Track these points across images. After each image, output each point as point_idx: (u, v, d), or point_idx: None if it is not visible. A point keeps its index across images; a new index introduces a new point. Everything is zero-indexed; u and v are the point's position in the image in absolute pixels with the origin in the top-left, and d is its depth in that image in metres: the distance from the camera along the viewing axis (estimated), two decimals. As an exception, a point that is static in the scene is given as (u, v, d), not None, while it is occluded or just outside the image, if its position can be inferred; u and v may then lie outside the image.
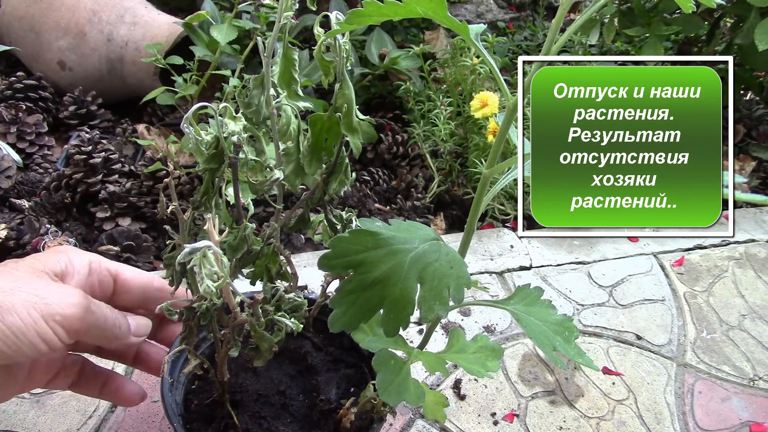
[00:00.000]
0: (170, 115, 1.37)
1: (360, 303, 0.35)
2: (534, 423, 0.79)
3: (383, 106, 1.45)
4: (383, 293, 0.34)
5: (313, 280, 0.96)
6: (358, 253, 0.35)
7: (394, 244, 0.35)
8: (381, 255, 0.35)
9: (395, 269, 0.34)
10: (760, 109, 1.65)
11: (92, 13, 1.33)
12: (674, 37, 1.71)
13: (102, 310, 0.44)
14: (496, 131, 1.14)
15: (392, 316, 0.35)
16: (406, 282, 0.34)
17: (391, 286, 0.34)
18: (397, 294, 0.34)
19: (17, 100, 1.29)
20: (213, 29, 1.10)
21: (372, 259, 0.35)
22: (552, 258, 1.10)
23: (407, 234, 0.36)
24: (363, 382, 0.61)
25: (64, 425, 0.70)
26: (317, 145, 0.44)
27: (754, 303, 1.06)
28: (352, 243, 0.35)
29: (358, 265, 0.35)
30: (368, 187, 1.27)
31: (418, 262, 0.35)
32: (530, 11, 2.11)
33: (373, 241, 0.35)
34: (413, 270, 0.35)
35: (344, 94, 0.42)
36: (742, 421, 0.83)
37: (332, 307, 0.37)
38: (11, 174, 1.13)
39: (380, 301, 0.35)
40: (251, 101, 0.43)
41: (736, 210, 1.33)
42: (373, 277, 0.35)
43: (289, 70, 0.42)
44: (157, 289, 0.52)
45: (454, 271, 0.36)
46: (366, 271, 0.35)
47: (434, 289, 0.35)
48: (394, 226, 0.37)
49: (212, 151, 0.41)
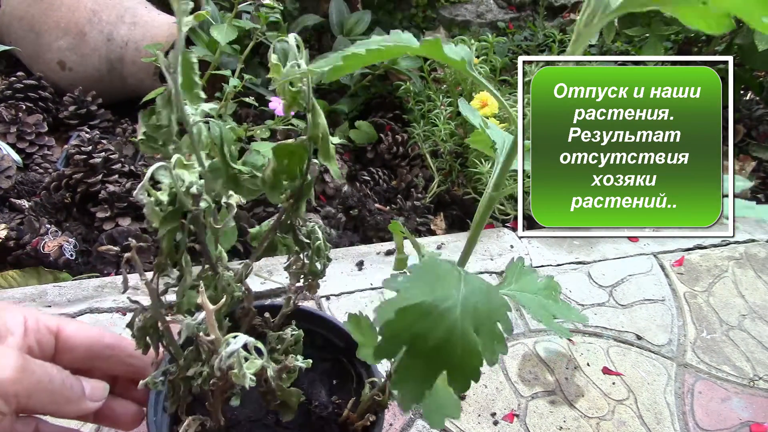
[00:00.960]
0: (170, 115, 1.37)
1: (422, 375, 0.34)
2: (534, 423, 0.79)
3: (383, 106, 1.45)
4: (448, 357, 0.33)
5: (313, 280, 0.96)
6: (409, 329, 0.33)
7: (438, 305, 0.33)
8: (432, 322, 0.33)
9: (452, 329, 0.33)
10: (760, 109, 1.65)
11: (92, 13, 1.33)
12: (674, 37, 1.71)
13: (45, 370, 0.40)
14: (496, 131, 1.14)
15: (461, 374, 0.33)
16: (466, 337, 0.33)
17: (453, 347, 0.33)
18: (461, 351, 0.33)
19: (17, 100, 1.29)
20: (213, 29, 1.10)
21: (425, 330, 0.33)
22: (552, 258, 1.10)
23: (440, 281, 0.34)
24: (344, 374, 0.61)
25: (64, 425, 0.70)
26: (279, 171, 0.42)
27: (754, 303, 1.06)
28: (400, 322, 0.33)
29: (413, 340, 0.33)
30: (368, 187, 1.27)
31: (467, 314, 0.33)
32: (530, 11, 2.12)
33: (419, 312, 0.33)
34: (468, 322, 0.33)
35: (317, 123, 0.40)
36: (742, 421, 0.83)
37: (396, 389, 0.35)
38: (11, 174, 1.13)
39: (446, 364, 0.33)
40: (160, 123, 0.40)
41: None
42: (431, 346, 0.33)
43: (189, 75, 0.40)
44: (106, 347, 0.47)
45: (494, 301, 0.35)
46: (422, 343, 0.33)
47: (489, 332, 0.34)
48: (419, 275, 0.34)
49: (168, 209, 0.38)
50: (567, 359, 0.89)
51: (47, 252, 0.97)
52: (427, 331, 0.33)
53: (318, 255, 0.48)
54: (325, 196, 1.25)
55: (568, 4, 2.16)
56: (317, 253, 0.48)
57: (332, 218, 1.17)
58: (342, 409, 0.56)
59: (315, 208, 1.19)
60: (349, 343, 0.61)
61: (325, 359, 0.62)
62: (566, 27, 1.87)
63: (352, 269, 1.00)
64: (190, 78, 0.40)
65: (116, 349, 0.47)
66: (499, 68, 1.37)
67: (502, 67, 1.39)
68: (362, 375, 0.59)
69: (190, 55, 0.40)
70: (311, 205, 1.20)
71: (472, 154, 1.25)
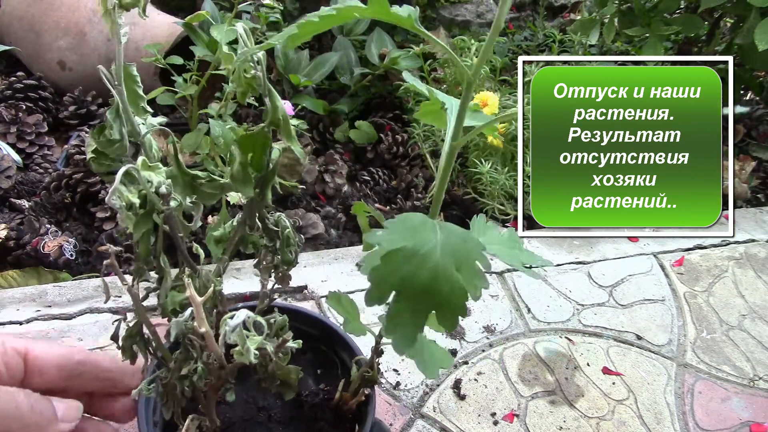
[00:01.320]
0: (170, 115, 1.37)
1: (414, 317, 0.36)
2: (534, 423, 0.79)
3: (383, 106, 1.45)
4: (435, 296, 0.35)
5: (312, 280, 0.96)
6: (395, 273, 0.35)
7: (419, 249, 0.35)
8: (416, 265, 0.35)
9: (436, 270, 0.35)
10: (760, 109, 1.65)
11: (92, 13, 1.33)
12: (674, 37, 1.71)
13: (12, 396, 0.39)
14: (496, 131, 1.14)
15: (449, 311, 0.35)
16: (449, 275, 0.35)
17: (439, 286, 0.35)
18: (447, 289, 0.35)
19: (17, 100, 1.29)
20: (213, 29, 1.10)
21: (410, 272, 0.35)
22: (552, 258, 1.10)
23: (417, 231, 0.37)
24: (327, 361, 0.61)
25: None
26: (245, 165, 0.42)
27: (754, 303, 1.06)
28: (386, 267, 0.35)
29: (401, 284, 0.35)
30: (368, 187, 1.27)
31: (447, 255, 0.35)
32: (530, 11, 2.12)
33: (402, 256, 0.35)
34: (449, 262, 0.35)
35: (276, 107, 0.40)
36: (742, 421, 0.83)
37: (390, 335, 0.37)
38: (11, 174, 1.13)
39: (434, 304, 0.35)
40: (112, 138, 0.39)
41: (736, 210, 1.33)
42: (418, 287, 0.35)
43: (132, 89, 0.40)
44: (78, 363, 0.46)
45: (470, 243, 0.36)
46: (410, 285, 0.35)
47: (469, 270, 0.35)
48: (396, 228, 0.36)
49: (140, 212, 0.38)
50: (567, 359, 0.89)
51: (47, 252, 0.98)
52: (413, 274, 0.34)
53: (288, 244, 0.48)
54: (325, 196, 1.25)
55: (568, 4, 2.16)
56: (287, 242, 0.47)
57: (332, 218, 1.17)
58: (332, 394, 0.57)
59: (315, 208, 1.19)
60: (325, 331, 0.62)
61: (304, 350, 0.63)
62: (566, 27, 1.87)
63: (352, 269, 1.00)
64: (134, 91, 0.40)
65: (88, 365, 0.46)
66: (499, 68, 1.37)
67: (502, 67, 1.39)
68: (345, 359, 0.60)
69: (131, 68, 0.40)
70: (311, 206, 1.20)
71: (472, 154, 1.25)
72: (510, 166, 1.22)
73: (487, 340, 0.91)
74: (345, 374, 0.58)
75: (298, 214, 1.11)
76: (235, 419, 0.55)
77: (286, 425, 0.56)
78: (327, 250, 1.06)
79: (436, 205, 0.44)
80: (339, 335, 0.62)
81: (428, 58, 1.38)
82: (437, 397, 0.80)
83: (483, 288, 0.35)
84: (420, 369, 0.46)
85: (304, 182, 1.21)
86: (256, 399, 0.58)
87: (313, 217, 1.12)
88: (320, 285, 0.95)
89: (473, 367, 0.86)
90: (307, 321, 0.63)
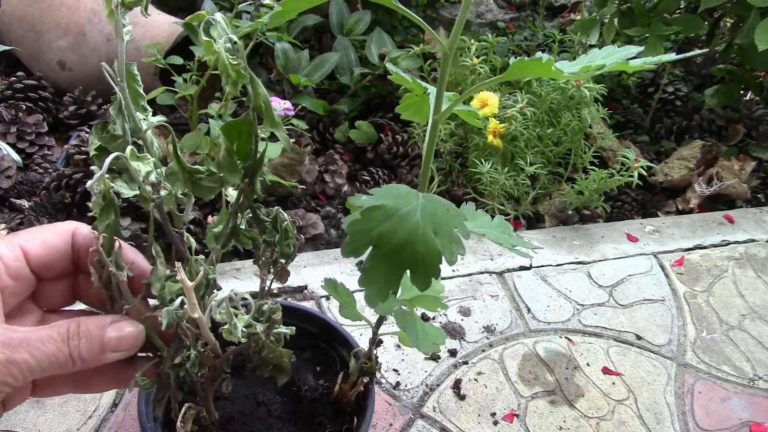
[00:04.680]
0: (170, 115, 1.37)
1: (389, 273, 0.37)
2: (534, 423, 0.79)
3: (383, 106, 1.45)
4: (410, 255, 0.36)
5: (312, 280, 0.96)
6: (374, 229, 0.36)
7: (400, 209, 0.37)
8: (394, 223, 0.36)
9: (414, 230, 0.36)
10: (760, 109, 1.65)
11: (92, 13, 1.33)
12: (674, 37, 1.71)
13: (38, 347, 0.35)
14: (496, 131, 1.14)
15: (423, 271, 0.37)
16: (426, 236, 0.36)
17: (414, 245, 0.36)
18: (423, 250, 0.36)
19: (17, 100, 1.29)
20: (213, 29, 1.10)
21: (388, 230, 0.36)
22: (552, 258, 1.10)
23: (400, 197, 0.38)
24: (326, 358, 0.61)
25: (64, 425, 0.70)
26: (231, 152, 0.42)
27: (754, 303, 1.06)
28: (365, 222, 0.36)
29: (378, 240, 0.36)
30: (368, 187, 1.27)
31: (426, 217, 0.37)
32: (530, 11, 2.12)
33: (382, 214, 0.36)
34: (427, 225, 0.36)
35: (258, 92, 0.40)
36: (742, 421, 0.83)
37: (364, 286, 0.38)
38: (11, 174, 1.13)
39: (408, 263, 0.36)
40: (115, 134, 0.39)
41: (735, 210, 1.33)
42: (394, 245, 0.36)
43: (133, 88, 0.40)
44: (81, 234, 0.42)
45: (452, 212, 0.38)
46: (387, 242, 0.36)
47: (447, 235, 0.36)
48: (381, 194, 0.38)
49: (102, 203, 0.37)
50: (567, 359, 0.89)
51: (47, 252, 0.97)
52: (390, 231, 0.36)
53: (286, 237, 0.47)
54: (325, 196, 1.25)
55: (567, 4, 2.16)
56: (285, 235, 0.47)
57: (332, 218, 1.17)
58: (332, 389, 0.57)
59: (315, 208, 1.19)
60: (324, 328, 0.62)
61: (304, 348, 0.63)
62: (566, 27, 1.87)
63: (352, 269, 1.00)
64: (135, 90, 0.40)
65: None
66: (499, 68, 1.37)
67: (501, 67, 1.39)
68: (344, 356, 0.60)
69: (132, 67, 0.40)
70: (311, 206, 1.20)
71: (472, 154, 1.25)
72: (510, 166, 1.22)
73: (487, 340, 0.91)
74: (344, 370, 0.58)
75: (298, 214, 1.11)
76: (234, 414, 0.56)
77: (286, 420, 0.56)
78: (327, 250, 1.06)
79: (424, 180, 0.45)
80: (338, 332, 0.62)
81: (428, 58, 1.38)
82: (437, 397, 0.80)
83: (459, 254, 0.36)
84: (414, 344, 0.49)
85: (304, 182, 1.21)
86: (256, 394, 0.58)
87: (313, 217, 1.12)
88: (320, 285, 0.95)
89: (473, 367, 0.86)
90: (306, 318, 0.63)
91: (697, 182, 1.37)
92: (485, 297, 0.98)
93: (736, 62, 1.64)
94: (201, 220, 1.07)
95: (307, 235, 1.10)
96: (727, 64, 1.62)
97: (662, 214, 1.35)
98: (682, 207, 1.37)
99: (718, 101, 1.55)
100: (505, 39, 1.76)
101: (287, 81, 1.30)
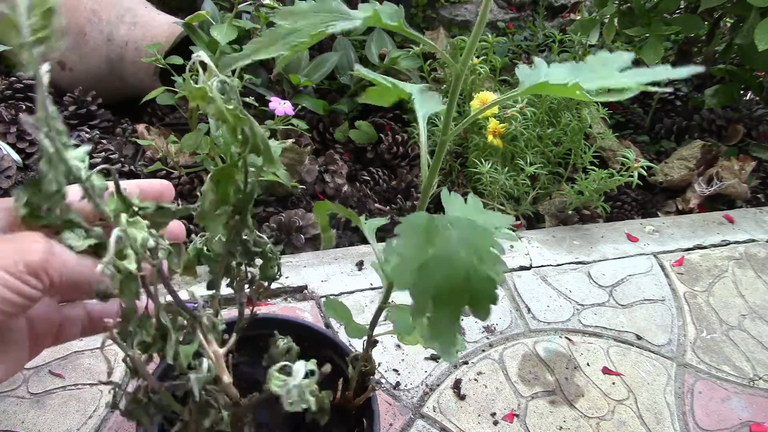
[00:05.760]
0: (170, 115, 1.37)
1: (451, 319, 0.36)
2: (534, 423, 0.79)
3: (383, 106, 1.45)
4: (469, 294, 0.36)
5: (312, 280, 0.96)
6: (430, 284, 0.35)
7: (444, 252, 0.35)
8: (446, 271, 0.35)
9: (467, 270, 0.35)
10: (760, 109, 1.65)
11: (92, 13, 1.33)
12: (674, 37, 1.71)
13: (67, 253, 0.36)
14: (496, 131, 1.14)
15: (484, 303, 0.36)
16: (479, 271, 0.35)
17: (471, 285, 0.35)
18: (478, 285, 0.35)
19: (17, 100, 1.29)
20: (213, 29, 1.10)
21: (443, 280, 0.35)
22: (552, 258, 1.10)
23: (431, 233, 0.36)
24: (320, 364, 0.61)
25: (64, 425, 0.70)
26: (218, 201, 0.41)
27: (754, 303, 1.06)
28: (421, 281, 0.35)
29: (437, 292, 0.35)
30: (368, 187, 1.27)
31: (469, 252, 0.36)
32: (530, 11, 2.12)
33: (434, 265, 0.35)
34: (472, 257, 0.36)
35: (257, 133, 0.37)
36: (742, 421, 0.83)
37: (435, 343, 0.36)
38: (11, 174, 1.13)
39: (468, 301, 0.36)
40: (49, 191, 0.34)
41: (735, 210, 1.33)
42: (455, 291, 0.35)
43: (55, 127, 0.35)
44: None
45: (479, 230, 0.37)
46: (445, 292, 0.35)
47: (490, 258, 0.36)
48: (407, 233, 0.36)
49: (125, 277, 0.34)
50: (567, 359, 0.89)
51: (47, 252, 0.97)
52: (446, 279, 0.35)
53: (269, 260, 0.46)
54: (325, 196, 1.25)
55: (567, 4, 2.16)
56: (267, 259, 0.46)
57: (332, 218, 1.17)
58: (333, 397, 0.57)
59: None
60: (317, 339, 0.62)
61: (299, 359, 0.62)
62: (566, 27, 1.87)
63: (352, 269, 1.00)
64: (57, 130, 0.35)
65: None
66: (499, 68, 1.37)
67: (502, 67, 1.39)
68: (339, 363, 0.60)
69: (54, 112, 0.35)
70: (311, 206, 1.20)
71: (472, 154, 1.25)
72: (510, 166, 1.22)
73: (487, 340, 0.91)
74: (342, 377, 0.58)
75: (298, 214, 1.11)
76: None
77: None
78: (327, 250, 1.06)
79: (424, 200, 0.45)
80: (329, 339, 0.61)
81: (428, 58, 1.38)
82: (437, 397, 0.80)
83: (504, 271, 0.35)
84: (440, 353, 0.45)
85: (304, 182, 1.21)
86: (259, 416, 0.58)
87: (313, 217, 1.12)
88: (320, 285, 0.95)
89: (473, 367, 0.86)
90: (296, 329, 0.62)
91: (697, 182, 1.37)
92: (485, 297, 0.98)
93: (736, 62, 1.64)
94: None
95: (307, 235, 1.10)
96: (727, 64, 1.62)
97: (662, 214, 1.35)
98: (682, 207, 1.37)
99: (718, 101, 1.55)
100: (505, 39, 1.76)
101: (287, 81, 1.30)
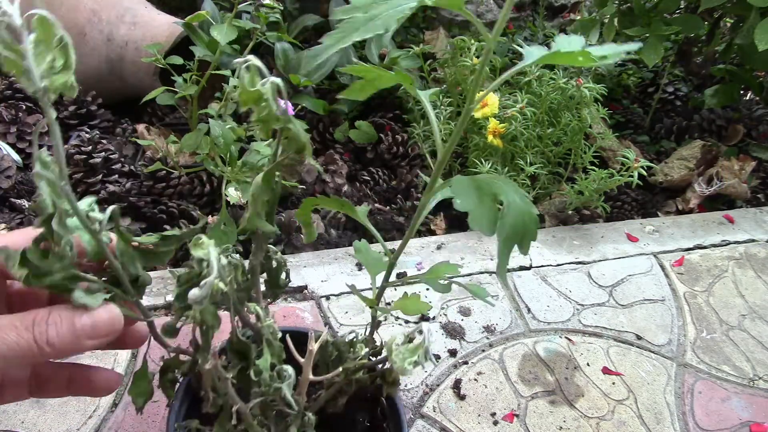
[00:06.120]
0: (170, 115, 1.37)
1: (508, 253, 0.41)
2: (534, 423, 0.79)
3: (383, 106, 1.45)
4: (528, 233, 0.41)
5: (312, 280, 0.96)
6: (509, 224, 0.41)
7: (512, 201, 0.42)
8: (519, 214, 0.41)
9: (531, 215, 0.42)
10: (760, 109, 1.65)
11: (92, 13, 1.33)
12: (674, 37, 1.71)
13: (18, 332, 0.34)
14: (496, 131, 1.14)
15: (530, 240, 0.41)
16: (534, 216, 0.41)
17: (532, 227, 0.41)
18: (533, 226, 0.41)
19: (17, 100, 1.29)
20: (213, 29, 1.10)
21: (517, 220, 0.41)
22: (552, 258, 1.10)
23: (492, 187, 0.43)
24: None
25: (64, 425, 0.70)
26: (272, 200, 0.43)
27: (754, 303, 1.06)
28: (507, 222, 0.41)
29: (512, 231, 0.41)
30: (368, 187, 1.27)
31: (526, 203, 0.42)
32: (530, 11, 2.11)
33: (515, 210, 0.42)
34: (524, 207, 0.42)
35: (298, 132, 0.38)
36: (742, 421, 0.83)
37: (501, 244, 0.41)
38: (11, 174, 1.13)
39: (526, 237, 0.41)
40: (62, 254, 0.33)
41: (735, 210, 1.33)
42: (523, 230, 0.41)
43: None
44: None
45: (513, 184, 0.44)
46: (520, 230, 0.41)
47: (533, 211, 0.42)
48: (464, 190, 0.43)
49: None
50: (567, 359, 0.89)
51: (47, 252, 0.97)
52: (520, 220, 0.41)
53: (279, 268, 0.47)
54: (326, 195, 1.25)
55: (567, 4, 2.16)
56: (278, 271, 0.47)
57: (332, 218, 1.17)
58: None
59: (315, 208, 1.19)
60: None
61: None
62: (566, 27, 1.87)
63: (352, 269, 1.00)
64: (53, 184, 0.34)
65: None
66: (499, 68, 1.37)
67: (501, 67, 1.39)
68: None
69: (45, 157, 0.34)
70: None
71: (472, 154, 1.25)
72: (510, 166, 1.22)
73: (487, 340, 0.91)
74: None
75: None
76: None
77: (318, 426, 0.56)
78: (327, 250, 1.06)
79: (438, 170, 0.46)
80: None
81: (428, 58, 1.38)
82: (437, 397, 0.80)
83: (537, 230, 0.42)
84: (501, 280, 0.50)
85: (304, 182, 1.21)
86: None
87: (314, 217, 1.12)
88: (320, 285, 0.95)
89: (473, 367, 0.86)
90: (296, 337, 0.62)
91: (697, 182, 1.37)
92: (485, 297, 0.98)
93: (736, 62, 1.64)
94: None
95: (307, 235, 1.10)
96: (727, 64, 1.62)
97: (662, 214, 1.35)
98: (682, 207, 1.37)
99: (718, 101, 1.55)
100: (505, 39, 1.76)
101: (287, 81, 1.30)
